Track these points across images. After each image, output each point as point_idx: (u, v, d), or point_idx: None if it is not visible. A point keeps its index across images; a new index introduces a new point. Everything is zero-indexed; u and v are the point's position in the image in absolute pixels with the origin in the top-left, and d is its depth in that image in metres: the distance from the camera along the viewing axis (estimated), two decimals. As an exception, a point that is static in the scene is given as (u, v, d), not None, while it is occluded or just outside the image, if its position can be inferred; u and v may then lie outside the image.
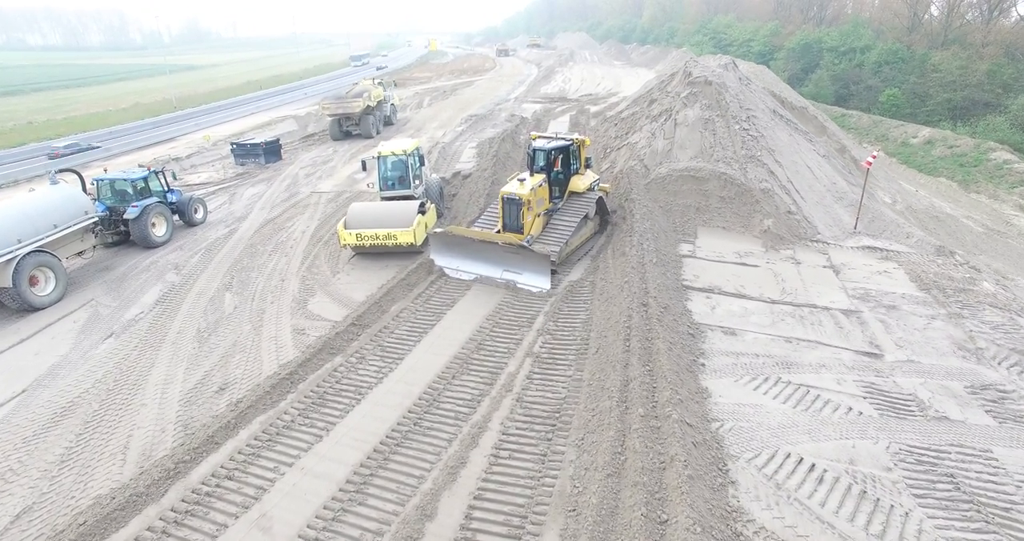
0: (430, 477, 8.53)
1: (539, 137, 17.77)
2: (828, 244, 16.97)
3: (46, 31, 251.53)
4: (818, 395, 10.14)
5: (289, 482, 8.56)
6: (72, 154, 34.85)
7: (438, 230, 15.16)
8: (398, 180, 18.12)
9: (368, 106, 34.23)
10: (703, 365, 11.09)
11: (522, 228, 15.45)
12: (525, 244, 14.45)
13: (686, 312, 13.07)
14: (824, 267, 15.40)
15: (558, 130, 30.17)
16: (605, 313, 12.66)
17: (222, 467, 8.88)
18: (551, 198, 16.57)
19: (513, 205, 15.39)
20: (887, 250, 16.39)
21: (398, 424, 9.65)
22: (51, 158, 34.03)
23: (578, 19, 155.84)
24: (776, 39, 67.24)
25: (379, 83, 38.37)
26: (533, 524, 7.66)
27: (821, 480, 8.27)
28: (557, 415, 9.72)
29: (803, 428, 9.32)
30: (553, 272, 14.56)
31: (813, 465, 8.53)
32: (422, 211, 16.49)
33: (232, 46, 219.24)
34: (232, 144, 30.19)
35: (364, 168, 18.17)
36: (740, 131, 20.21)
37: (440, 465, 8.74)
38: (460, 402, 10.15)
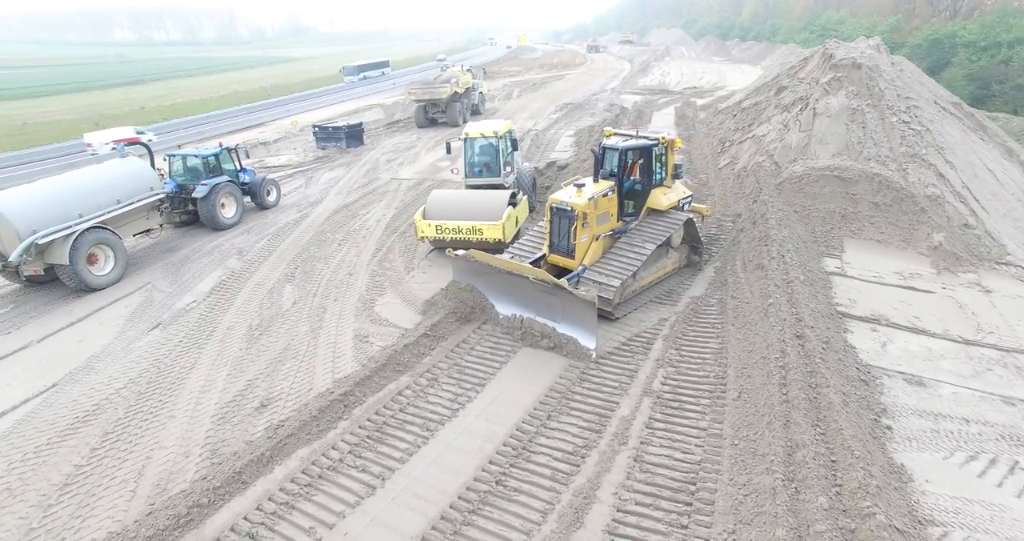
0: (516, 571, 6.08)
1: (614, 134, 13.52)
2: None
3: (168, 28, 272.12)
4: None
5: (326, 552, 6.35)
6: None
7: (460, 253, 11.21)
8: (486, 166, 15.81)
9: (455, 93, 32.42)
10: (889, 429, 8.02)
11: (573, 252, 11.40)
12: (565, 282, 9.81)
13: (849, 349, 9.95)
14: (1029, 299, 11.75)
15: (662, 122, 27.09)
16: (745, 344, 9.75)
17: (245, 519, 6.80)
18: (621, 215, 12.23)
19: (563, 218, 11.33)
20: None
21: (475, 480, 7.24)
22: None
23: (672, 16, 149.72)
24: (898, 35, 60.25)
25: (468, 70, 36.58)
26: None
27: None
28: (692, 488, 7.00)
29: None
30: (611, 317, 10.81)
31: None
32: (513, 203, 14.08)
33: (328, 40, 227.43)
34: (315, 127, 29.16)
35: (448, 151, 16.08)
36: (898, 124, 16.51)
37: (532, 553, 6.26)
38: (558, 455, 7.61)
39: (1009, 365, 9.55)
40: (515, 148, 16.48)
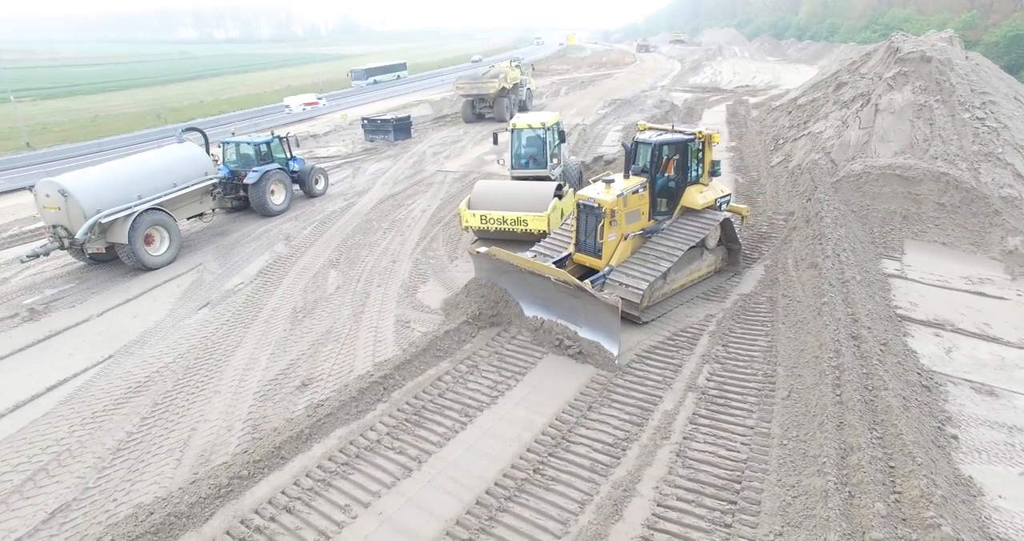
0: (550, 561, 5.93)
1: (649, 128, 12.81)
2: (1110, 277, 12.22)
3: (228, 26, 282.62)
4: None
5: (360, 533, 6.32)
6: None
7: (481, 250, 10.68)
8: (532, 158, 15.67)
9: (503, 88, 32.42)
10: (955, 439, 7.50)
11: (600, 251, 10.84)
12: (588, 285, 9.28)
13: (910, 353, 9.39)
14: (1116, 309, 10.86)
15: (713, 120, 26.42)
16: (796, 343, 9.32)
17: (283, 493, 6.86)
18: (653, 214, 11.53)
19: (590, 216, 10.81)
20: None
21: (512, 467, 7.12)
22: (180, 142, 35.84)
23: (725, 16, 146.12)
24: (971, 33, 57.04)
25: (516, 66, 36.51)
26: None
27: None
28: (737, 487, 6.70)
29: None
30: (639, 321, 10.24)
31: None
32: (559, 195, 13.91)
33: (380, 38, 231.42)
34: (363, 120, 29.64)
35: (495, 142, 15.99)
36: (971, 121, 15.57)
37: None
38: (598, 446, 7.41)
39: (1093, 378, 8.84)
40: (562, 140, 16.30)
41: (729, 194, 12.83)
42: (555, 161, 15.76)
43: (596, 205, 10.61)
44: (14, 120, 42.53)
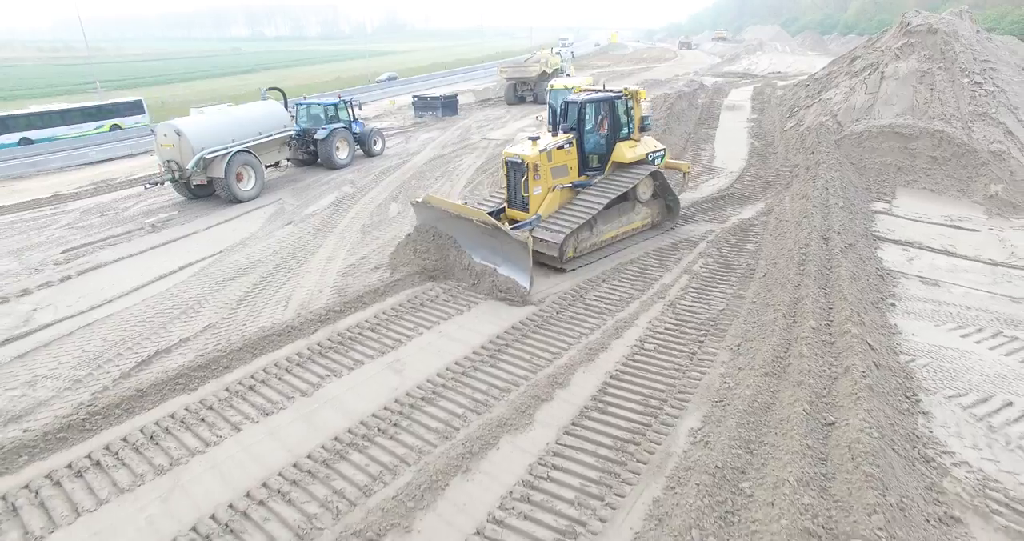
0: (567, 354, 8.14)
1: (583, 90, 13.34)
2: (1087, 220, 13.64)
3: (278, 24, 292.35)
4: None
5: (426, 340, 8.67)
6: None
7: (418, 200, 11.40)
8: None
9: (544, 72, 34.58)
10: (893, 305, 9.37)
11: (527, 204, 11.50)
12: (504, 226, 9.94)
13: (875, 258, 11.21)
14: (1076, 237, 12.37)
15: (739, 97, 28.05)
16: (778, 245, 11.28)
17: (367, 321, 9.26)
18: (585, 169, 12.10)
19: (516, 171, 11.31)
20: None
21: (540, 311, 9.36)
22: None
23: (771, 14, 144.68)
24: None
25: (557, 53, 38.66)
26: (673, 407, 6.90)
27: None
28: (712, 323, 8.78)
29: (1038, 384, 7.40)
30: (562, 269, 10.91)
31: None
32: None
33: (424, 36, 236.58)
34: (414, 97, 32.30)
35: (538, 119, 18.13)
36: (969, 85, 17.03)
37: (579, 346, 8.30)
38: (607, 301, 9.61)
39: (1033, 281, 10.47)
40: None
41: (663, 149, 13.33)
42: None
43: (520, 161, 11.12)
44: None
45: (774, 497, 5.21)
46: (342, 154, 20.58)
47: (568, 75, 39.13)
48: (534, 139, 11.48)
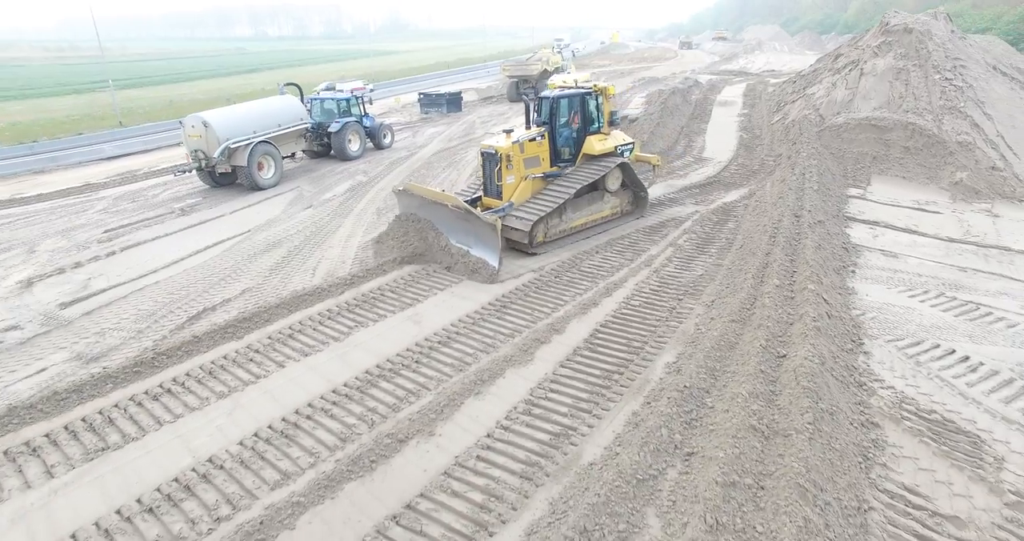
0: (563, 309, 9.39)
1: (557, 87, 14.10)
2: (1042, 205, 14.83)
3: (281, 24, 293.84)
4: (991, 311, 9.21)
5: (440, 299, 9.92)
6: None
7: (400, 188, 12.18)
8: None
9: (545, 70, 35.80)
10: (853, 272, 10.60)
11: (501, 192, 12.24)
12: (476, 210, 10.97)
13: (843, 234, 12.43)
14: (1027, 218, 13.59)
15: (731, 93, 29.25)
16: (755, 222, 12.51)
17: (387, 285, 10.50)
18: (556, 161, 12.80)
19: (491, 161, 12.10)
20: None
21: (540, 277, 10.61)
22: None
23: (772, 14, 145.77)
24: (1026, 24, 57.23)
25: (558, 52, 39.90)
26: (652, 347, 8.14)
27: (975, 369, 7.65)
28: (692, 285, 10.03)
29: (963, 332, 8.61)
30: (531, 253, 11.72)
31: (968, 357, 7.89)
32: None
33: (427, 36, 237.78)
34: (420, 94, 33.52)
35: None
36: (940, 81, 18.26)
37: (574, 303, 9.56)
38: (600, 268, 10.88)
39: (980, 254, 11.63)
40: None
41: (631, 142, 13.93)
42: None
43: (494, 152, 11.90)
44: (108, 104, 48.09)
45: (729, 406, 6.45)
46: (354, 146, 21.82)
47: (569, 73, 40.46)
48: (508, 132, 12.39)
